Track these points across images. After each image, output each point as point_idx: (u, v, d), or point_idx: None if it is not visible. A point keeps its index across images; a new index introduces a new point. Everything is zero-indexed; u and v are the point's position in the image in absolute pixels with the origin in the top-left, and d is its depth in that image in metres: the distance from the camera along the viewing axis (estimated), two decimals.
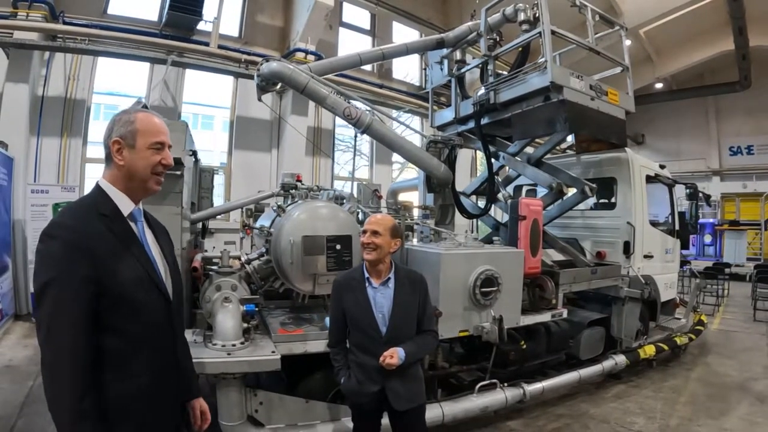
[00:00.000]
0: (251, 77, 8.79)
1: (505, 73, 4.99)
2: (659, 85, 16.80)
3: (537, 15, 4.47)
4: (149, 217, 1.63)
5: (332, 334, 2.53)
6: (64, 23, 7.59)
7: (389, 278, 2.41)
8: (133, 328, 1.40)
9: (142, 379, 1.41)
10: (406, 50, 5.30)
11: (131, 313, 1.39)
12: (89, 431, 1.27)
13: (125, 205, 1.48)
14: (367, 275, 2.42)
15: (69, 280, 1.28)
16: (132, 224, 1.50)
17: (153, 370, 1.44)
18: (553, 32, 4.20)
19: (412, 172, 12.83)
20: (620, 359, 4.87)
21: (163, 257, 1.59)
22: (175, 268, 1.65)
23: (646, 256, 5.51)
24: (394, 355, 2.22)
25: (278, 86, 4.25)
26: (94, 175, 8.83)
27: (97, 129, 8.60)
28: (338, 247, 3.13)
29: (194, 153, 3.90)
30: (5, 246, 6.53)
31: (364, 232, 2.40)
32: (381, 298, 2.38)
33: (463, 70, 5.25)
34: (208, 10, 8.60)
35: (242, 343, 2.73)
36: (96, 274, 1.31)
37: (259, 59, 8.98)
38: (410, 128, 8.91)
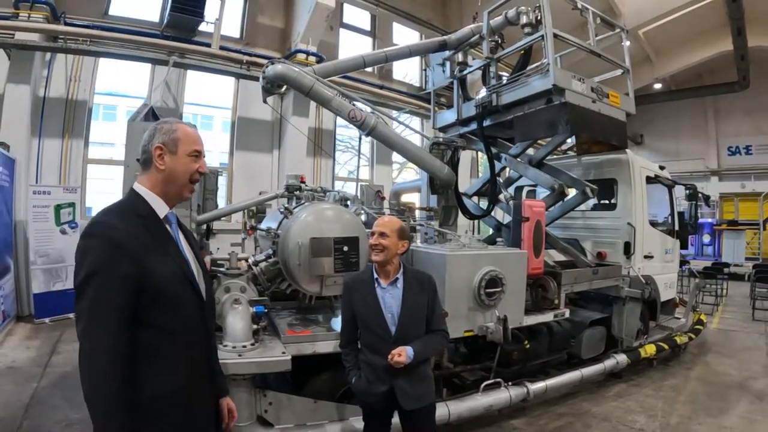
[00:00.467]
0: (252, 78, 8.94)
1: (507, 74, 5.03)
2: (658, 86, 16.89)
3: (539, 18, 4.51)
4: (180, 222, 1.70)
5: (343, 334, 2.57)
6: (66, 24, 7.59)
7: (397, 278, 2.45)
8: (171, 324, 1.46)
9: (179, 374, 1.47)
10: (409, 53, 5.33)
11: (169, 309, 1.46)
12: (123, 421, 1.31)
13: (160, 207, 1.56)
14: (375, 276, 2.46)
15: (109, 276, 1.35)
16: (166, 226, 1.58)
17: (189, 365, 1.50)
18: (555, 35, 4.24)
19: (411, 172, 12.93)
20: (621, 358, 4.92)
21: (195, 259, 1.66)
22: (204, 270, 1.71)
23: (646, 257, 5.56)
24: (402, 354, 2.25)
25: (283, 89, 4.28)
26: (96, 176, 8.87)
27: (99, 130, 8.63)
28: (345, 248, 3.16)
29: None
30: (7, 247, 6.54)
31: (372, 233, 2.44)
32: (390, 298, 2.42)
33: (465, 72, 5.28)
34: (210, 11, 8.63)
35: (252, 344, 2.76)
36: (135, 271, 1.38)
37: (260, 60, 9.14)
38: (411, 128, 8.95)
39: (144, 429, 1.37)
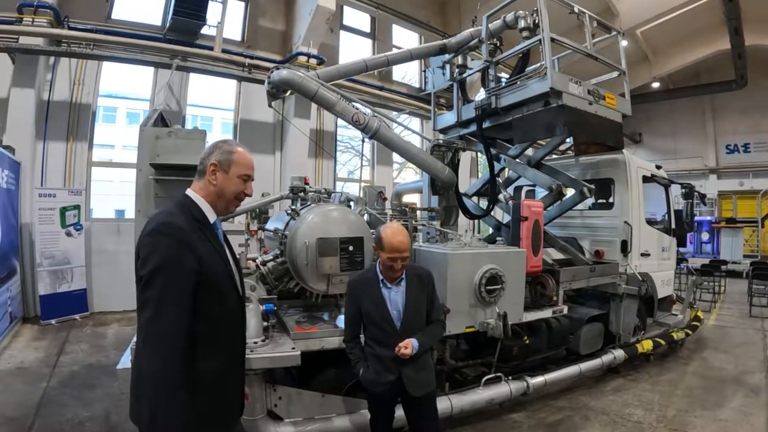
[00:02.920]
0: (254, 81, 9.03)
1: (506, 75, 5.12)
2: (656, 85, 16.96)
3: (537, 22, 4.60)
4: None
5: (348, 330, 2.72)
6: (69, 28, 7.64)
7: (401, 278, 2.62)
8: (219, 314, 1.66)
9: (224, 359, 1.68)
10: (410, 56, 5.43)
11: (219, 302, 1.66)
12: (185, 400, 1.49)
13: (210, 214, 1.74)
14: (381, 277, 2.62)
15: (178, 269, 1.53)
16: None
17: (230, 349, 1.72)
18: (552, 39, 4.34)
19: (411, 172, 13.02)
20: (619, 354, 5.01)
21: (234, 260, 1.86)
22: (240, 270, 1.92)
23: (643, 254, 5.66)
24: (409, 346, 2.45)
25: (288, 93, 4.37)
26: (100, 178, 8.95)
27: (103, 133, 8.71)
28: (351, 248, 3.28)
29: None
30: (13, 249, 6.61)
31: (394, 259, 2.51)
32: (395, 295, 2.60)
33: (464, 75, 5.38)
34: (211, 14, 8.71)
35: (263, 341, 2.88)
36: (198, 267, 1.57)
37: (261, 63, 9.24)
38: (410, 129, 9.04)
39: (200, 403, 1.55)
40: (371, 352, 2.61)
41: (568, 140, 6.26)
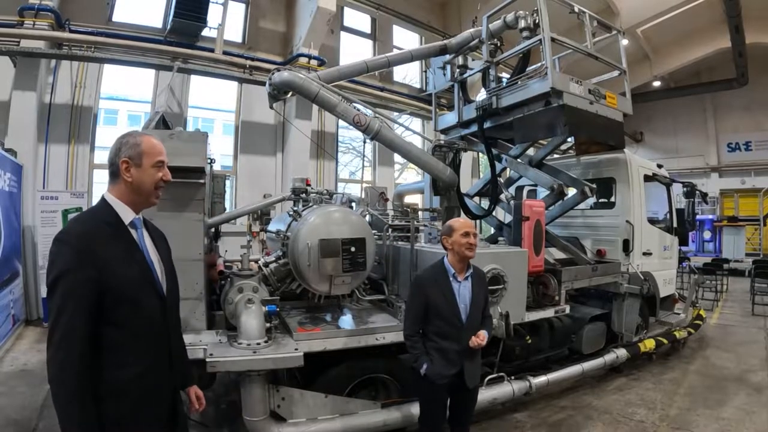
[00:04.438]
0: (255, 83, 9.04)
1: (507, 75, 5.12)
2: (657, 84, 16.95)
3: (537, 21, 4.61)
4: (149, 225, 1.84)
5: (411, 324, 2.79)
6: (70, 31, 7.68)
7: (470, 273, 2.77)
8: (132, 322, 1.61)
9: (138, 367, 1.61)
10: (411, 57, 5.44)
11: (130, 309, 1.60)
12: (84, 405, 1.47)
13: (126, 214, 1.69)
14: (453, 271, 2.73)
15: (75, 277, 1.50)
16: (132, 231, 1.71)
17: (148, 358, 1.64)
18: (553, 39, 4.34)
19: (413, 173, 13.03)
20: (621, 353, 5.01)
21: (160, 260, 1.79)
22: (171, 270, 1.84)
23: (644, 254, 5.65)
24: (484, 337, 2.64)
25: (289, 94, 4.39)
26: (103, 180, 8.96)
27: (105, 135, 8.72)
28: (353, 249, 3.29)
29: (211, 161, 4.05)
30: (16, 252, 6.61)
31: (467, 234, 2.69)
32: (464, 290, 2.73)
33: (465, 76, 5.38)
34: (212, 16, 8.74)
35: (266, 342, 2.88)
36: (98, 274, 1.52)
37: (262, 64, 9.26)
38: (411, 130, 9.06)
39: (105, 411, 1.52)
40: (434, 345, 2.69)
41: (569, 140, 6.26)
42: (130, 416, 1.59)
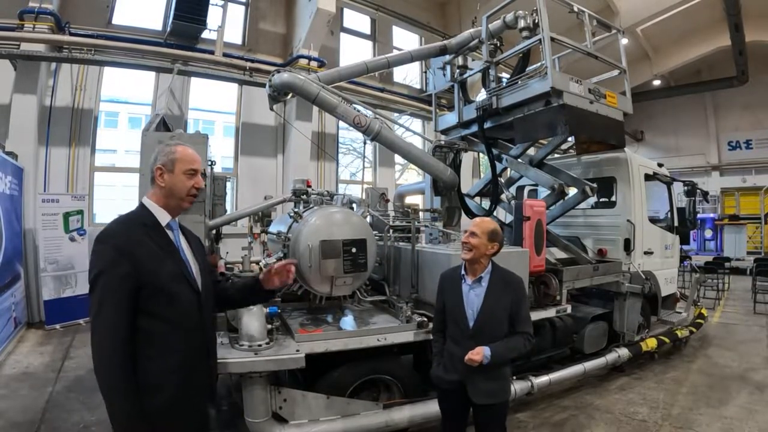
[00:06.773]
0: (255, 84, 9.05)
1: (507, 75, 5.12)
2: (657, 82, 16.95)
3: (536, 21, 4.60)
4: (184, 228, 1.98)
5: (435, 323, 2.77)
6: (70, 34, 7.70)
7: (482, 277, 2.55)
8: (169, 314, 1.73)
9: (176, 356, 1.73)
10: (410, 58, 5.44)
11: (167, 302, 1.72)
12: (126, 392, 1.59)
13: (163, 217, 1.83)
14: (463, 272, 2.61)
15: (114, 274, 1.63)
16: (169, 232, 1.85)
17: (185, 347, 1.76)
18: (552, 39, 4.34)
19: (413, 173, 13.03)
20: (623, 352, 5.00)
21: (195, 258, 1.91)
22: (205, 267, 1.97)
23: (646, 253, 5.65)
24: (479, 354, 2.33)
25: (289, 96, 4.39)
26: (103, 183, 8.98)
27: (105, 137, 8.75)
28: (354, 250, 3.29)
29: (212, 163, 4.06)
30: (17, 255, 6.62)
31: (465, 232, 2.61)
32: (473, 295, 2.55)
33: (465, 76, 5.38)
34: (212, 18, 8.75)
35: (267, 343, 2.89)
36: (135, 270, 1.65)
37: (262, 66, 9.28)
38: (412, 131, 9.06)
39: (145, 399, 1.63)
40: (447, 348, 2.60)
41: (569, 139, 6.26)
42: (178, 403, 1.70)
